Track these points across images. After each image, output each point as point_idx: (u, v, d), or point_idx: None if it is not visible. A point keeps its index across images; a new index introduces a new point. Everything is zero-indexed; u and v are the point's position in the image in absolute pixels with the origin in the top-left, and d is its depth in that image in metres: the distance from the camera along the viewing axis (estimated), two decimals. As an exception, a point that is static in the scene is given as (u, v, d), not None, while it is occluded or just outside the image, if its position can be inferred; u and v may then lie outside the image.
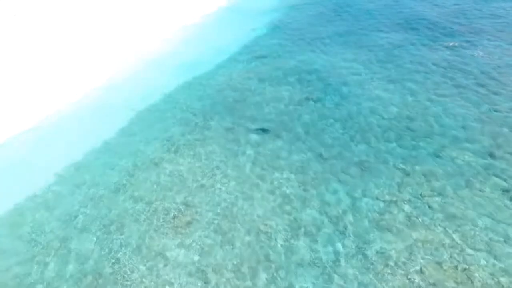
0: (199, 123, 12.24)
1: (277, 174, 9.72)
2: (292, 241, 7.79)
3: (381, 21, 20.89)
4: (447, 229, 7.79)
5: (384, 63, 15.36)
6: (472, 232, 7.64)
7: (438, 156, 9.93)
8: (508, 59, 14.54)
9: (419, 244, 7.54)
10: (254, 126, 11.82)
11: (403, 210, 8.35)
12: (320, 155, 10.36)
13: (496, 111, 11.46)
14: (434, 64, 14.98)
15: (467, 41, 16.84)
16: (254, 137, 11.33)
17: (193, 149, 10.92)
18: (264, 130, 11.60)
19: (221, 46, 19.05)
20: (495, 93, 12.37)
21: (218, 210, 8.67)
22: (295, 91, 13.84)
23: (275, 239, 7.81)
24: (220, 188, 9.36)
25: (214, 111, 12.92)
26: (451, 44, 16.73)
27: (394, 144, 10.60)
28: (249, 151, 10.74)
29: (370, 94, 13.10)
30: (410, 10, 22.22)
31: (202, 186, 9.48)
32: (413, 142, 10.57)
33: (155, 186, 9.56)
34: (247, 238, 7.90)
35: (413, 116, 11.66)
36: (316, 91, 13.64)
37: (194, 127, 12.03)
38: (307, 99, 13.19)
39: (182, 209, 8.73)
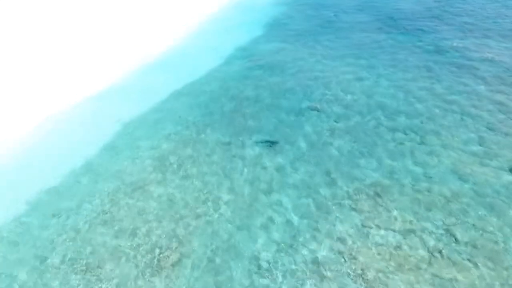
0: (192, 137, 11.08)
1: (279, 199, 8.59)
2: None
3: (381, 20, 19.87)
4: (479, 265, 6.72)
5: (388, 67, 14.28)
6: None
7: (456, 174, 8.86)
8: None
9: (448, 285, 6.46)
10: (252, 140, 10.69)
11: (425, 243, 7.26)
12: (328, 173, 9.24)
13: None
14: (440, 67, 13.94)
15: (473, 42, 15.85)
16: (253, 153, 10.20)
17: (185, 169, 9.76)
18: (271, 143, 10.47)
19: (216, 49, 17.94)
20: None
21: (212, 245, 7.53)
22: (295, 99, 12.72)
23: (280, 284, 6.69)
24: (214, 217, 8.22)
25: (209, 122, 11.77)
26: (454, 44, 15.73)
27: (409, 161, 9.51)
28: (248, 170, 9.60)
29: (377, 103, 12.01)
30: (410, 7, 21.18)
31: (194, 214, 8.33)
32: (427, 158, 9.50)
33: (140, 215, 8.40)
34: (245, 281, 6.78)
35: (424, 127, 10.58)
36: (318, 99, 12.52)
37: (187, 142, 10.87)
38: (309, 108, 12.07)
39: (170, 244, 7.58)
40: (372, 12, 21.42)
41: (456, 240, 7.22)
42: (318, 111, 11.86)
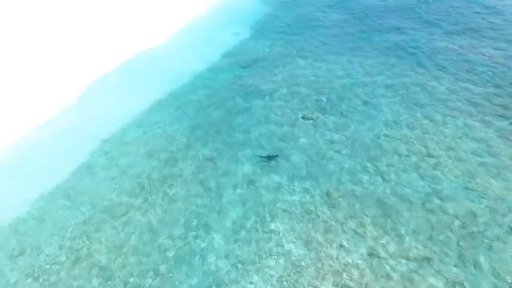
0: (175, 154, 10.06)
1: (274, 226, 7.67)
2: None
3: (373, 20, 19.14)
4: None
5: (384, 70, 13.50)
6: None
7: (467, 189, 8.13)
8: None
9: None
10: (245, 155, 9.75)
11: (439, 272, 6.47)
12: (328, 194, 8.37)
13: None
14: (439, 68, 13.26)
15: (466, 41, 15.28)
16: (242, 170, 9.25)
17: (167, 191, 8.73)
18: (270, 158, 9.53)
19: (202, 54, 16.86)
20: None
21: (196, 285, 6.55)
22: (288, 107, 11.83)
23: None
24: (199, 249, 7.23)
25: (195, 136, 10.76)
26: (450, 46, 15.12)
27: (414, 175, 8.74)
28: (238, 191, 8.65)
29: (374, 109, 11.22)
30: (403, 7, 20.58)
31: (176, 247, 7.33)
32: (435, 172, 8.74)
33: (117, 248, 7.35)
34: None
35: (427, 137, 9.83)
36: (312, 107, 11.67)
37: (170, 159, 9.83)
38: (303, 118, 11.20)
39: (149, 285, 6.57)
40: (359, 10, 20.72)
41: (475, 269, 6.45)
42: (313, 120, 11.01)
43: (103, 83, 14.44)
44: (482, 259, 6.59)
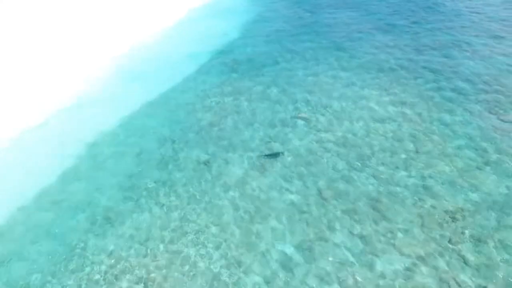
0: (165, 158, 9.87)
1: (268, 225, 7.58)
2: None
3: (364, 18, 19.26)
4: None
5: (376, 71, 13.49)
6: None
7: (456, 185, 8.19)
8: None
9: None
10: (235, 157, 9.63)
11: (434, 266, 6.47)
12: (320, 193, 8.32)
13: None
14: (424, 67, 13.34)
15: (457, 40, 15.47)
16: (236, 172, 9.14)
17: (158, 197, 8.54)
18: (276, 155, 9.46)
19: (190, 55, 16.69)
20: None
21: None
22: (279, 108, 11.76)
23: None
24: (192, 258, 7.08)
25: (185, 139, 10.58)
26: (437, 45, 15.28)
27: (404, 173, 8.76)
28: (231, 194, 8.53)
29: (366, 109, 11.24)
30: (395, 8, 20.77)
31: (167, 257, 7.15)
32: (426, 171, 8.76)
33: (107, 258, 7.13)
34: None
35: (416, 135, 9.87)
36: (304, 107, 11.62)
37: (160, 163, 9.64)
38: (293, 117, 11.14)
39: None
40: (352, 9, 20.85)
41: (468, 266, 6.48)
42: (306, 120, 10.96)
43: (90, 85, 14.11)
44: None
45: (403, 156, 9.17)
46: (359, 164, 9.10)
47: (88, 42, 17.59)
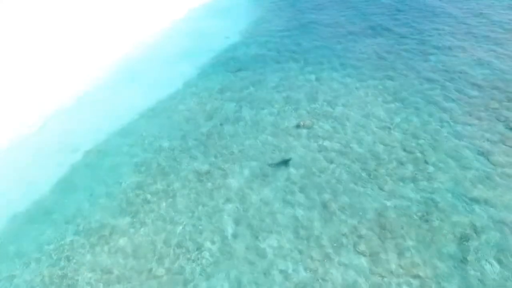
0: (163, 167, 9.54)
1: (270, 241, 7.24)
2: None
3: (366, 20, 18.87)
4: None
5: (382, 76, 13.09)
6: None
7: (461, 200, 7.84)
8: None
9: None
10: (236, 167, 9.30)
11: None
12: (325, 206, 7.98)
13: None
14: (432, 71, 12.97)
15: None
16: (236, 184, 8.80)
17: (155, 209, 8.22)
18: (285, 162, 9.17)
19: (191, 58, 16.36)
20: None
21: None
22: (281, 114, 11.42)
23: None
24: (191, 274, 6.75)
25: (184, 147, 10.26)
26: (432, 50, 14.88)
27: (411, 185, 8.41)
28: (230, 206, 8.20)
29: (371, 116, 10.87)
30: (397, 8, 20.38)
31: (167, 271, 6.83)
32: (434, 185, 8.39)
33: (101, 274, 6.81)
34: None
35: (422, 143, 9.51)
36: (307, 114, 11.28)
37: (157, 173, 9.31)
38: (298, 126, 10.80)
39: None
40: (352, 13, 20.46)
41: None
42: (308, 128, 10.62)
43: (89, 88, 13.83)
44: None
45: (411, 167, 8.82)
46: (364, 175, 8.76)
47: (87, 44, 17.28)
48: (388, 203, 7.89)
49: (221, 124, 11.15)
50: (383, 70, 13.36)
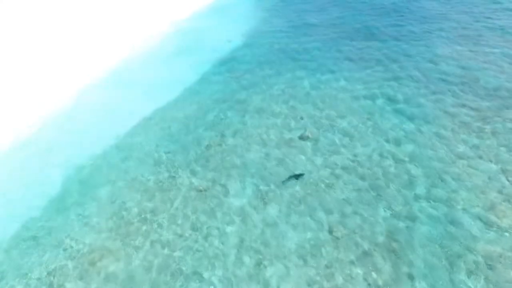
0: (161, 182, 9.02)
1: (275, 270, 6.70)
2: None
3: (372, 24, 18.22)
4: None
5: (391, 84, 12.45)
6: None
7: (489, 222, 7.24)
8: None
9: None
10: (237, 185, 8.75)
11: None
12: (331, 231, 7.41)
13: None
14: (442, 79, 12.32)
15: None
16: (238, 203, 8.26)
17: (150, 231, 7.69)
18: (296, 176, 8.68)
19: (192, 63, 15.82)
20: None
21: None
22: (285, 125, 10.85)
23: None
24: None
25: (183, 161, 9.73)
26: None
27: (425, 204, 7.82)
28: (231, 228, 7.66)
29: (378, 128, 10.27)
30: (402, 9, 19.70)
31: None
32: (451, 204, 7.82)
33: (90, 307, 6.31)
34: None
35: (441, 156, 8.91)
36: (311, 125, 10.70)
37: (153, 190, 8.79)
38: (301, 138, 10.23)
39: None
40: (356, 14, 19.80)
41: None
42: (312, 141, 10.04)
43: (83, 96, 13.33)
44: None
45: (424, 184, 8.22)
46: (373, 194, 8.18)
47: (83, 47, 16.80)
48: (400, 224, 7.31)
49: (222, 135, 10.61)
50: (393, 76, 12.74)
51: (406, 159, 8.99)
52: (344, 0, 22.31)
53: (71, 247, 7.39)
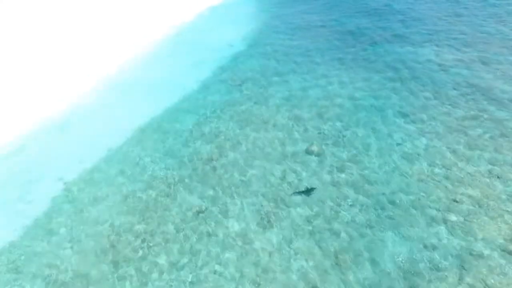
0: (156, 201, 8.41)
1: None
2: None
3: (377, 29, 17.53)
4: None
5: (399, 92, 11.82)
6: None
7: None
8: None
9: None
10: (236, 206, 8.12)
11: None
12: (335, 256, 6.78)
13: None
14: (454, 88, 11.64)
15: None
16: (237, 226, 7.64)
17: (142, 258, 7.09)
18: (307, 191, 8.11)
19: (191, 69, 15.22)
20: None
21: None
22: (288, 138, 10.22)
23: None
24: None
25: (179, 178, 9.11)
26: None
27: (440, 230, 7.16)
28: (230, 255, 7.04)
29: (389, 142, 9.61)
30: (409, 15, 18.99)
31: None
32: (472, 233, 7.15)
33: None
34: None
35: (450, 176, 8.25)
36: (316, 137, 10.07)
37: (148, 211, 8.18)
38: (307, 152, 9.59)
39: None
40: (361, 19, 19.10)
41: None
42: (317, 155, 9.41)
43: (76, 104, 12.75)
44: None
45: (440, 208, 7.56)
46: (383, 216, 7.53)
47: (81, 53, 16.28)
48: (412, 252, 6.66)
49: (222, 149, 9.99)
50: (401, 84, 12.08)
51: (423, 177, 8.33)
52: (346, 2, 21.66)
53: (54, 273, 6.79)
